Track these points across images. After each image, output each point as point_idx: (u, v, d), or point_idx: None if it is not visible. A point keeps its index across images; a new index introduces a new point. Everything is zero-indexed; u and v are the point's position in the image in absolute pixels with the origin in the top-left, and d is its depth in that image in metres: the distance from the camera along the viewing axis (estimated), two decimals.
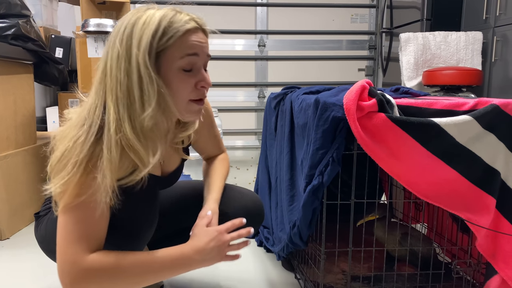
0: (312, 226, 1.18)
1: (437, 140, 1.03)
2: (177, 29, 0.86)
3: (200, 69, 0.91)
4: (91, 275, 0.84)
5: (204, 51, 0.91)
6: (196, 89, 0.91)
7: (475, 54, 2.55)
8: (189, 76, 0.90)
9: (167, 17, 0.87)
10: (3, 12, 1.90)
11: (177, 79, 0.88)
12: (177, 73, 0.88)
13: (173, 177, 1.16)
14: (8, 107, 1.94)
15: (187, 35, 0.88)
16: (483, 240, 1.07)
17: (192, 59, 0.89)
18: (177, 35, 0.86)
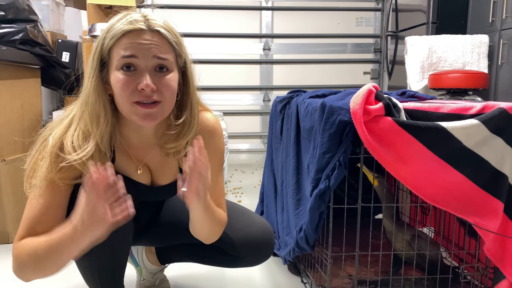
0: (319, 230, 1.18)
1: (444, 144, 1.02)
2: (115, 31, 0.87)
3: (143, 72, 0.87)
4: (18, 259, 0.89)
5: (146, 52, 0.86)
6: (137, 91, 0.87)
7: (481, 57, 2.54)
8: (129, 78, 0.87)
9: (117, 20, 0.88)
10: (11, 17, 1.92)
11: (116, 79, 0.88)
12: (116, 74, 0.88)
13: (166, 190, 1.09)
14: (16, 111, 1.96)
15: (125, 37, 0.87)
16: (491, 245, 1.06)
17: (129, 60, 0.86)
18: (116, 36, 0.87)
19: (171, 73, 0.90)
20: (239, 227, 1.13)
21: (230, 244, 1.04)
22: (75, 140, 0.90)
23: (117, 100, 0.90)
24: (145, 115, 0.88)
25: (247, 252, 1.14)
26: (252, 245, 1.14)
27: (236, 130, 3.84)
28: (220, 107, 3.78)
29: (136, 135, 1.00)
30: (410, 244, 1.27)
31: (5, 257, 1.68)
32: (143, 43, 0.86)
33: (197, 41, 3.76)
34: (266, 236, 1.15)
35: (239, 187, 2.78)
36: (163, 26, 0.89)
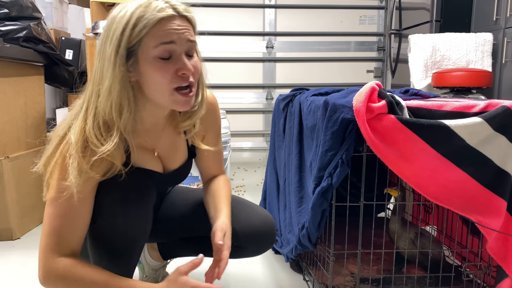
0: (321, 228, 1.18)
1: (447, 142, 1.02)
2: (148, 19, 0.85)
3: (180, 56, 0.89)
4: (53, 278, 0.90)
5: (182, 37, 0.88)
6: (177, 76, 0.89)
7: (485, 56, 2.53)
8: (168, 64, 0.88)
9: (141, 7, 0.86)
10: (15, 15, 1.93)
11: (153, 68, 0.87)
12: (153, 62, 0.87)
13: (177, 174, 1.13)
14: (19, 109, 1.96)
15: (160, 24, 0.86)
16: (494, 243, 1.06)
17: (168, 47, 0.87)
18: (149, 25, 0.85)
19: (196, 56, 0.94)
20: (242, 218, 1.15)
21: (233, 234, 1.05)
22: (97, 132, 0.88)
23: (153, 88, 0.90)
24: (185, 102, 0.92)
25: (250, 241, 1.16)
26: (255, 235, 1.15)
27: (239, 128, 3.84)
28: (223, 105, 3.78)
29: (151, 118, 1.00)
30: (413, 242, 1.27)
31: (9, 254, 1.68)
32: (178, 28, 0.88)
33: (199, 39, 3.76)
34: (268, 226, 1.18)
35: (242, 185, 2.78)
36: (188, 11, 0.91)
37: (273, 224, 1.19)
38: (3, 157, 1.79)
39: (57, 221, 0.89)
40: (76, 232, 0.91)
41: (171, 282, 0.90)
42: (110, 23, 0.88)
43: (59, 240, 0.89)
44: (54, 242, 0.89)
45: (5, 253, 1.69)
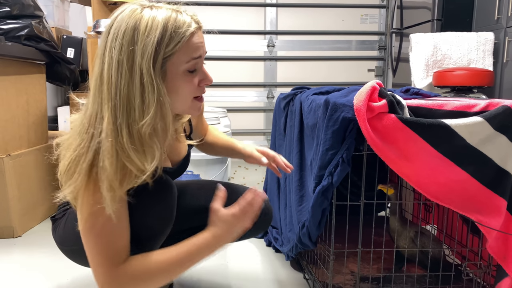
0: (321, 227, 1.18)
1: (448, 142, 1.02)
2: (183, 34, 0.84)
3: (201, 68, 0.92)
4: (129, 282, 0.87)
5: (204, 50, 0.92)
6: (199, 87, 0.92)
7: (486, 55, 2.53)
8: (194, 77, 0.91)
9: (171, 20, 0.84)
10: (17, 13, 1.93)
11: (182, 81, 0.88)
12: (183, 76, 0.88)
13: (182, 165, 1.18)
14: (21, 107, 1.97)
15: (191, 38, 0.87)
16: (494, 242, 1.06)
17: (197, 61, 0.89)
18: (184, 40, 0.85)
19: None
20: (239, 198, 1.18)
21: None
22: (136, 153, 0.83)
23: (177, 98, 0.90)
24: (200, 107, 0.97)
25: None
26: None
27: (240, 127, 3.85)
28: (224, 104, 3.79)
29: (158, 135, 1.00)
30: (413, 241, 1.27)
31: (10, 252, 1.69)
32: (202, 42, 0.91)
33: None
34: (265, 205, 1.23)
35: (243, 184, 2.79)
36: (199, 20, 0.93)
37: (268, 203, 1.27)
38: (5, 155, 1.80)
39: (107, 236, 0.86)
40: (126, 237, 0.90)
41: (217, 222, 0.94)
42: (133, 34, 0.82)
43: (115, 253, 0.87)
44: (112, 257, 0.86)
45: (7, 251, 1.70)
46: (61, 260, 1.54)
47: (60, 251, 1.12)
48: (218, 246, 0.94)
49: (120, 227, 0.88)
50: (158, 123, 0.85)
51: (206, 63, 0.97)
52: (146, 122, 0.82)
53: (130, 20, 0.82)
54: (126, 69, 0.81)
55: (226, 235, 0.94)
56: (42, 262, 1.57)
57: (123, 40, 0.81)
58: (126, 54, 0.81)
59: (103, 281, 0.86)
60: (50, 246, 1.15)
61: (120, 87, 0.81)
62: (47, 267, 1.53)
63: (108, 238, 0.86)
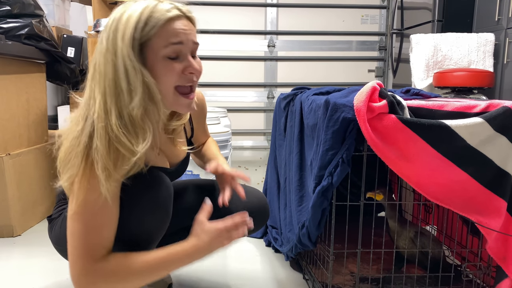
0: (321, 227, 1.18)
1: (448, 142, 1.02)
2: (158, 19, 0.87)
3: (186, 56, 0.91)
4: (103, 280, 0.88)
5: (189, 38, 0.91)
6: (183, 75, 0.91)
7: (486, 56, 2.53)
8: (174, 63, 0.90)
9: (149, 7, 0.87)
10: (17, 12, 1.93)
11: (162, 67, 0.89)
12: (162, 61, 0.89)
13: (181, 167, 1.19)
14: (21, 106, 1.97)
15: (169, 24, 0.88)
16: (494, 243, 1.06)
17: (177, 47, 0.89)
18: (159, 24, 0.87)
19: (197, 57, 0.96)
20: (237, 199, 1.20)
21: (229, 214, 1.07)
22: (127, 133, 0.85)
23: (160, 87, 0.90)
24: (188, 105, 0.95)
25: None
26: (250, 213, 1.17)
27: (240, 127, 3.85)
28: (224, 104, 3.79)
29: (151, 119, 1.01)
30: (413, 241, 1.27)
31: (10, 251, 1.69)
32: (185, 29, 0.90)
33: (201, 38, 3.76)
34: (262, 203, 1.27)
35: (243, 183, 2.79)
36: (191, 12, 0.93)
37: (266, 201, 1.29)
38: (5, 154, 1.80)
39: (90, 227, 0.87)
40: (111, 232, 0.90)
41: (200, 233, 0.95)
42: (117, 23, 0.87)
43: (94, 246, 0.88)
44: (91, 250, 0.87)
45: (6, 250, 1.70)
46: (60, 259, 1.54)
47: (56, 251, 1.12)
48: (196, 257, 0.95)
49: (108, 220, 0.89)
50: (148, 105, 0.88)
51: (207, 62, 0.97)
52: (135, 104, 0.85)
53: (117, 13, 0.89)
54: (111, 54, 0.86)
55: (206, 247, 0.95)
56: (41, 261, 1.57)
57: (110, 29, 0.88)
58: (111, 41, 0.87)
59: (79, 274, 0.87)
60: (49, 245, 1.14)
61: (107, 72, 0.86)
62: (46, 266, 1.53)
63: (94, 228, 0.87)
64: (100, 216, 0.87)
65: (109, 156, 0.84)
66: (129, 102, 0.86)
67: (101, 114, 0.85)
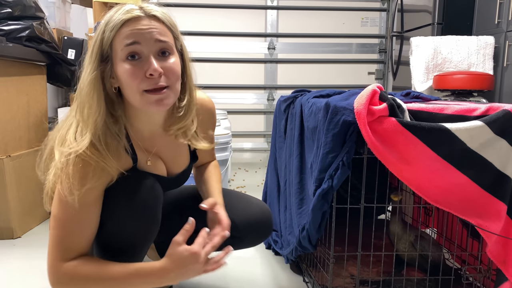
0: (321, 230, 1.18)
1: (448, 145, 1.02)
2: (114, 22, 0.87)
3: (147, 58, 0.88)
4: (65, 282, 0.91)
5: (147, 37, 0.87)
6: (146, 79, 0.87)
7: (486, 59, 2.53)
8: (136, 66, 0.87)
9: (111, 12, 0.88)
10: (18, 14, 1.93)
11: (123, 70, 0.87)
12: (123, 65, 0.87)
13: (180, 178, 1.16)
14: (21, 108, 1.97)
15: (125, 26, 0.87)
16: (494, 247, 1.06)
17: (133, 47, 0.87)
18: (115, 27, 0.87)
19: (173, 56, 0.92)
20: (239, 209, 1.18)
21: (232, 225, 1.07)
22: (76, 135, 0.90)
23: (126, 91, 0.90)
24: (157, 101, 0.89)
25: (249, 231, 1.19)
26: (253, 224, 1.18)
27: (240, 129, 3.85)
28: (224, 106, 3.79)
29: (147, 126, 1.01)
30: (413, 245, 1.27)
31: (10, 252, 1.69)
32: (143, 28, 0.87)
33: (201, 40, 3.76)
34: (265, 215, 1.22)
35: (242, 186, 2.79)
36: (158, 10, 0.91)
37: (270, 213, 1.24)
38: (5, 156, 1.80)
39: (63, 231, 0.91)
40: (83, 238, 0.93)
41: (172, 256, 0.92)
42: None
43: (66, 248, 0.91)
44: (62, 250, 0.91)
45: (6, 252, 1.69)
46: None
47: None
48: (163, 280, 0.93)
49: (84, 221, 0.92)
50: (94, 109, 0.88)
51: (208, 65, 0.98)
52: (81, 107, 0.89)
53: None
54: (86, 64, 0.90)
55: (176, 271, 0.92)
56: (41, 263, 1.56)
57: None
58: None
59: (48, 272, 0.92)
60: None
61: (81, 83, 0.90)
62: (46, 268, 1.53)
63: (68, 230, 0.91)
64: (75, 221, 0.91)
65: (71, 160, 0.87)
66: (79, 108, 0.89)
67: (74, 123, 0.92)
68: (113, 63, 0.89)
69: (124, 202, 0.95)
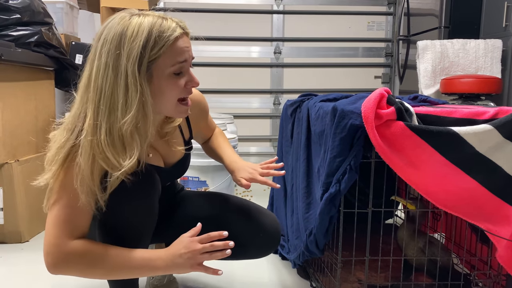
0: (329, 234, 1.17)
1: (456, 149, 1.01)
2: (167, 39, 0.90)
3: (188, 71, 0.98)
4: (71, 259, 0.91)
5: (190, 54, 0.97)
6: (185, 89, 0.97)
7: (494, 62, 2.52)
8: (179, 79, 0.96)
9: (156, 26, 0.89)
10: (27, 20, 1.96)
11: (168, 84, 0.94)
12: (168, 78, 0.94)
13: (178, 167, 1.19)
14: (30, 112, 1.99)
15: (176, 43, 0.92)
16: (504, 251, 1.05)
17: (182, 65, 0.94)
18: (168, 44, 0.90)
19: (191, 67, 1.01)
20: (249, 218, 1.19)
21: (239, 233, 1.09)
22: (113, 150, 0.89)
23: (163, 100, 0.96)
24: (186, 111, 1.02)
25: (256, 241, 1.19)
26: (261, 235, 1.18)
27: (246, 133, 3.84)
28: (230, 110, 3.79)
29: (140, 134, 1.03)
30: (422, 250, 1.26)
31: (18, 256, 1.70)
32: (187, 46, 0.95)
33: (207, 44, 3.78)
34: (274, 228, 1.22)
35: (249, 190, 2.78)
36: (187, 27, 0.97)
37: (279, 226, 1.24)
38: (13, 160, 1.81)
39: (71, 210, 0.92)
40: (89, 217, 0.95)
41: (176, 244, 0.96)
42: (120, 39, 0.88)
43: (73, 226, 0.93)
44: (69, 228, 0.92)
45: (14, 256, 1.70)
46: None
47: None
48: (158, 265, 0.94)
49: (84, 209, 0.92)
50: (139, 122, 0.90)
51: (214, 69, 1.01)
52: (127, 120, 0.88)
53: (119, 26, 0.89)
54: (111, 71, 0.88)
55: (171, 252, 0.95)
56: None
57: (111, 45, 0.88)
58: (112, 57, 0.88)
59: (49, 252, 0.91)
60: None
61: (105, 89, 0.88)
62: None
63: (71, 212, 0.92)
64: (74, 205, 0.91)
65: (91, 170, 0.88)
66: (122, 118, 0.88)
67: (90, 130, 0.88)
68: (151, 74, 0.92)
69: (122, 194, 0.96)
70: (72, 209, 0.92)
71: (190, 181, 2.16)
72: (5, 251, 1.75)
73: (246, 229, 1.17)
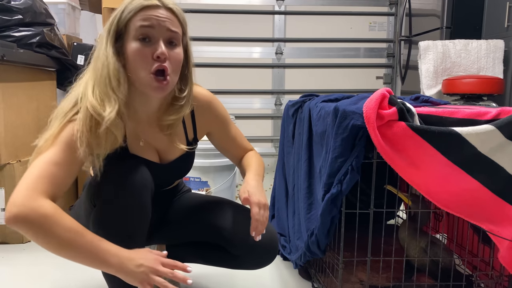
0: (330, 235, 1.17)
1: (458, 150, 1.01)
2: (134, 5, 0.96)
3: (157, 42, 0.96)
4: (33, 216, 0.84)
5: (161, 24, 0.96)
6: (153, 60, 0.96)
7: (496, 63, 2.51)
8: (146, 48, 0.96)
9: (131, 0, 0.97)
10: (29, 21, 1.96)
11: (133, 49, 0.96)
12: (133, 43, 0.96)
13: (175, 165, 1.17)
14: (31, 113, 1.99)
15: (143, 10, 0.96)
16: (506, 252, 1.05)
17: (147, 30, 0.95)
18: (134, 9, 0.95)
19: (178, 47, 1.00)
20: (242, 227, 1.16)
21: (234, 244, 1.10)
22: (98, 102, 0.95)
23: (133, 69, 0.97)
24: (157, 87, 0.98)
25: (250, 254, 1.18)
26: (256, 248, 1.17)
27: (248, 134, 3.82)
28: (232, 111, 3.79)
29: (144, 108, 1.06)
30: (424, 251, 1.26)
31: (19, 257, 1.70)
32: (159, 16, 0.96)
33: (209, 45, 3.78)
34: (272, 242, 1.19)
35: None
36: (174, 5, 1.00)
37: (276, 240, 1.21)
38: (15, 161, 1.81)
39: (50, 167, 0.90)
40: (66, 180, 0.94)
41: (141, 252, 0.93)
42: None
43: (48, 183, 0.88)
44: (43, 184, 0.87)
45: (15, 256, 1.71)
46: (69, 266, 1.54)
47: None
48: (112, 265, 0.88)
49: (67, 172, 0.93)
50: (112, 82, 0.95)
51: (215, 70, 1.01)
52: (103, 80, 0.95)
53: None
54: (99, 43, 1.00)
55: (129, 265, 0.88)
56: (50, 268, 1.58)
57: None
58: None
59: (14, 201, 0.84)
60: None
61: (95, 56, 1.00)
62: (55, 273, 1.54)
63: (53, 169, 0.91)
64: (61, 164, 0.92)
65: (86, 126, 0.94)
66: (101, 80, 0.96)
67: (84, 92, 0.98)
68: (124, 41, 0.97)
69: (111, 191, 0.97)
70: (56, 166, 0.91)
71: (192, 181, 2.16)
72: (6, 251, 1.75)
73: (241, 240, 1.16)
